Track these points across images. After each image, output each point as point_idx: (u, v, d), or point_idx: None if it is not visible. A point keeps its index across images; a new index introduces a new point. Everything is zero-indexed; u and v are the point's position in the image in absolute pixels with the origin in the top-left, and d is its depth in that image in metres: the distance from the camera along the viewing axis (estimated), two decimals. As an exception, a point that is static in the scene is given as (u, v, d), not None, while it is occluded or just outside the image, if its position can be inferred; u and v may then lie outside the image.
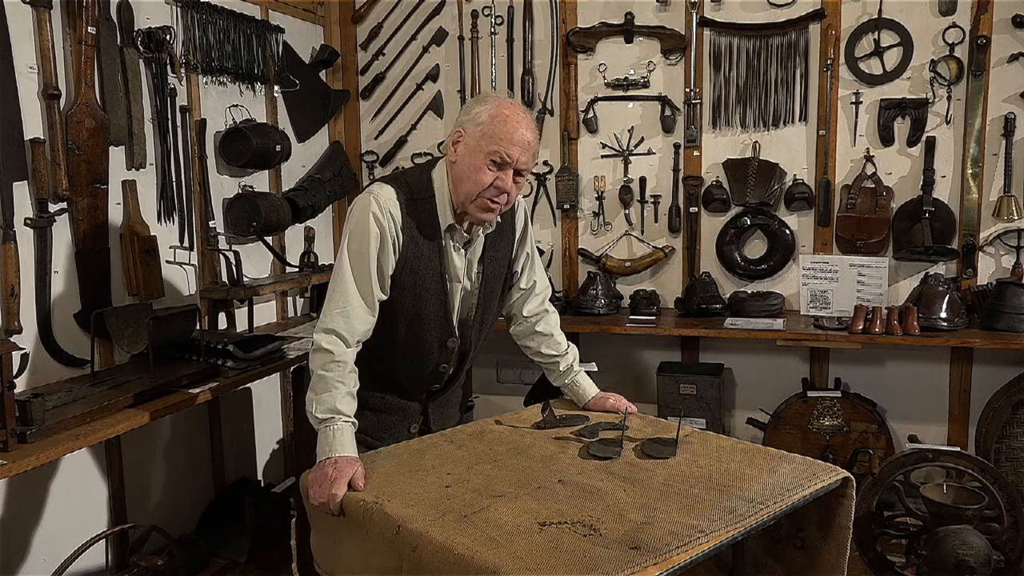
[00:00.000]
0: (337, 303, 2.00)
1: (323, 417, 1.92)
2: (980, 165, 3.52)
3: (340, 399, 1.93)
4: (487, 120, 1.99)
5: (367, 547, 1.71)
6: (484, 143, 1.99)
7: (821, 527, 1.90)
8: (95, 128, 2.76)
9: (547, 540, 1.52)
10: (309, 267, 3.84)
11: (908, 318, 3.35)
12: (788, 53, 3.73)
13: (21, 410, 2.16)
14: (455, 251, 2.13)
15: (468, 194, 2.03)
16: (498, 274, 2.24)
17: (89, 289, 2.81)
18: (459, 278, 2.15)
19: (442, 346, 2.17)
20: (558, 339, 2.37)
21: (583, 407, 2.33)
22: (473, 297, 2.20)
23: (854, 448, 3.54)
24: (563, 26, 3.98)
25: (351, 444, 1.91)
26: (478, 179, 2.00)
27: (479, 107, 2.03)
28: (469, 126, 2.02)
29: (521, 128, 2.00)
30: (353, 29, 4.28)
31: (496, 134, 1.98)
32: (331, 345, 1.97)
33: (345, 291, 2.00)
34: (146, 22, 3.02)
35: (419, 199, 2.07)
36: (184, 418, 3.29)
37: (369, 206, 2.01)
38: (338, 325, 1.98)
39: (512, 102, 2.06)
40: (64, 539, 2.69)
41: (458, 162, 2.04)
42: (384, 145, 4.31)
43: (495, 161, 1.99)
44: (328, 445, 1.89)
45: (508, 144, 1.98)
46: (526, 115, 2.04)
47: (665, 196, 3.95)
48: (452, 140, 2.06)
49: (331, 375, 1.95)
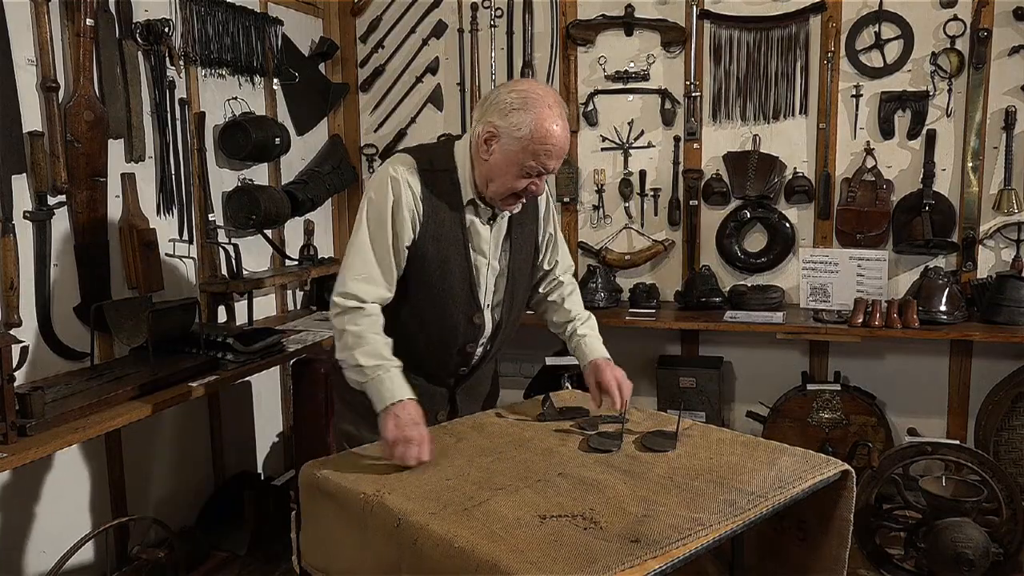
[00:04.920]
0: (356, 269, 2.01)
1: (372, 364, 1.93)
2: (980, 158, 3.52)
3: (382, 347, 1.96)
4: (528, 135, 1.93)
5: (366, 540, 1.70)
6: (523, 156, 1.95)
7: (821, 520, 1.91)
8: (94, 121, 2.75)
9: (547, 533, 1.53)
10: (308, 260, 3.84)
11: (908, 311, 3.35)
12: (788, 46, 3.72)
13: (21, 403, 2.16)
14: (481, 225, 2.11)
15: (497, 192, 2.02)
16: (526, 251, 2.23)
17: (88, 282, 2.81)
18: (484, 253, 2.13)
19: (468, 322, 2.14)
20: (568, 307, 2.34)
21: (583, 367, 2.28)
22: (502, 275, 2.18)
23: (853, 441, 3.55)
24: (563, 19, 3.97)
25: (407, 387, 1.93)
26: (511, 184, 2.00)
27: (520, 115, 1.93)
28: (506, 133, 1.95)
29: (561, 141, 1.97)
30: (352, 22, 4.27)
31: (537, 151, 1.94)
32: (355, 303, 1.98)
33: (364, 258, 2.01)
34: (144, 14, 3.01)
35: (440, 171, 2.06)
36: (184, 411, 3.29)
37: (387, 175, 2.03)
38: (358, 290, 1.99)
39: (552, 107, 1.96)
40: (64, 532, 2.70)
41: (490, 163, 2.00)
42: (384, 138, 4.30)
43: (530, 173, 1.98)
44: (388, 392, 1.91)
45: (547, 159, 1.97)
46: (563, 119, 1.97)
47: (665, 189, 3.95)
48: (483, 137, 1.99)
49: (365, 328, 1.97)
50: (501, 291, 2.19)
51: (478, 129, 2.01)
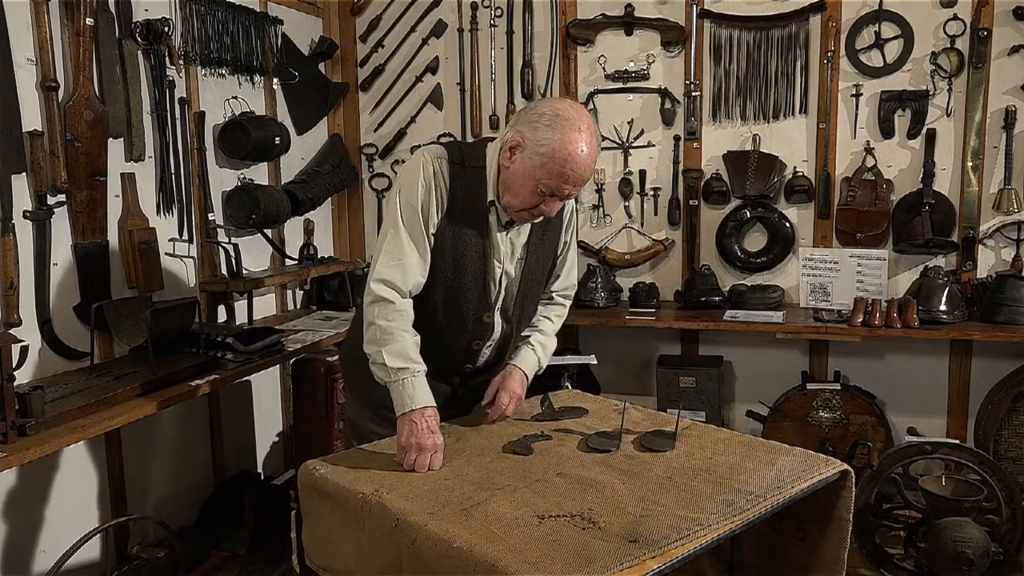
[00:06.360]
0: (392, 255, 2.00)
1: (398, 366, 1.94)
2: (980, 158, 3.52)
3: (410, 347, 1.96)
4: (550, 153, 1.89)
5: (365, 540, 1.71)
6: (541, 173, 1.92)
7: (821, 520, 1.91)
8: (94, 120, 2.75)
9: (546, 533, 1.53)
10: (308, 260, 3.84)
11: (908, 311, 3.35)
12: (788, 45, 3.71)
13: (21, 403, 2.16)
14: (501, 227, 2.09)
15: (509, 204, 2.01)
16: (543, 260, 2.21)
17: (88, 282, 2.81)
18: (499, 257, 2.10)
19: (477, 320, 2.12)
20: (535, 321, 2.29)
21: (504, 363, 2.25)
22: (515, 281, 2.15)
23: (853, 441, 3.55)
24: (563, 18, 3.97)
25: (429, 394, 1.95)
26: (524, 198, 1.97)
27: (548, 132, 1.90)
28: (531, 146, 1.92)
29: (583, 167, 1.91)
30: (352, 21, 4.27)
31: (556, 172, 1.90)
32: (390, 295, 1.98)
33: (399, 243, 2.00)
34: (144, 14, 3.01)
35: (470, 166, 2.05)
36: (184, 411, 3.29)
37: (420, 161, 2.03)
38: (394, 276, 1.98)
39: (582, 132, 1.90)
40: (64, 531, 2.70)
41: (511, 171, 1.97)
42: (383, 138, 4.30)
43: (544, 192, 1.95)
44: (410, 397, 1.92)
45: (564, 183, 1.93)
46: (591, 146, 1.92)
47: (665, 189, 3.95)
48: (510, 144, 1.96)
49: (395, 324, 1.96)
50: (513, 295, 2.17)
51: (508, 135, 1.99)
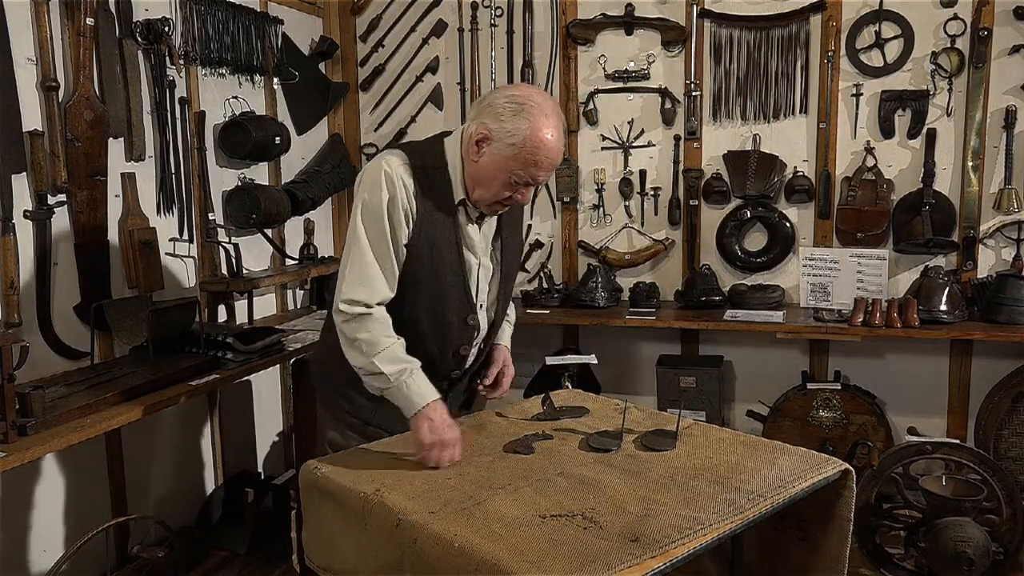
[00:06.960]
0: (356, 274, 1.96)
1: (396, 370, 1.92)
2: (980, 157, 3.52)
3: (399, 349, 1.95)
4: (521, 143, 1.88)
5: (366, 539, 1.71)
6: (513, 164, 1.90)
7: (821, 519, 1.91)
8: (94, 120, 2.75)
9: (547, 532, 1.53)
10: (309, 259, 3.84)
11: (908, 310, 3.35)
12: (789, 45, 3.71)
13: (21, 402, 2.16)
14: (470, 223, 2.07)
15: (482, 198, 1.99)
16: (515, 251, 2.22)
17: (89, 281, 2.81)
18: (476, 252, 2.09)
19: (462, 323, 2.09)
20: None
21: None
22: (495, 275, 2.15)
23: (853, 440, 3.55)
24: (563, 18, 3.97)
25: (432, 387, 1.94)
26: (496, 190, 1.96)
27: (515, 121, 1.89)
28: (499, 137, 1.90)
29: (555, 153, 1.92)
30: (352, 21, 4.27)
31: (530, 160, 1.90)
32: (362, 309, 1.95)
33: (364, 260, 1.96)
34: (144, 13, 3.01)
35: (431, 168, 2.01)
36: (184, 411, 3.29)
37: (380, 173, 1.96)
38: (360, 295, 1.95)
39: (549, 117, 1.91)
40: (65, 531, 2.70)
41: (480, 165, 1.95)
42: (384, 137, 4.30)
43: (518, 182, 1.94)
44: (418, 395, 1.91)
45: (538, 171, 1.93)
46: (559, 130, 1.93)
47: (665, 188, 3.95)
48: (476, 138, 1.93)
49: (375, 332, 1.94)
50: (495, 291, 2.16)
51: (471, 129, 1.96)
